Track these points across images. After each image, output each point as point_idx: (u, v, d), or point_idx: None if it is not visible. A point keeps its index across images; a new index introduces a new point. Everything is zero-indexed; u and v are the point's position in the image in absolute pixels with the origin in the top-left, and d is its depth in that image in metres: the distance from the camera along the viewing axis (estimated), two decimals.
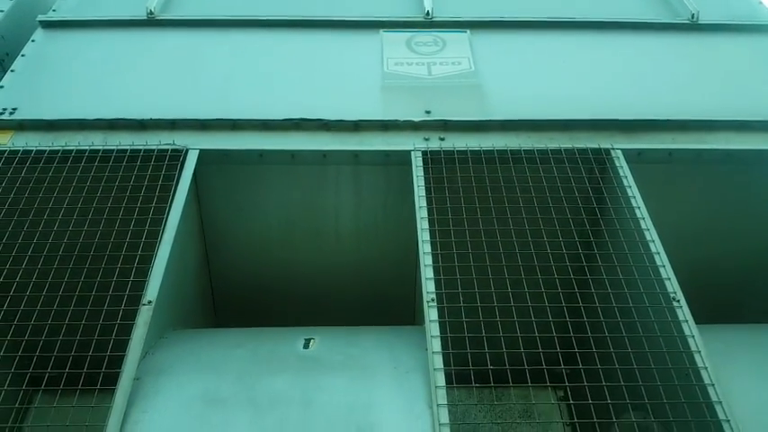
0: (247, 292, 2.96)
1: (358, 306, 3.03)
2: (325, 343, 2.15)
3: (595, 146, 2.56)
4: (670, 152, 2.60)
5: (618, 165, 2.49)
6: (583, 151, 2.53)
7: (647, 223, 2.29)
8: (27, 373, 2.07)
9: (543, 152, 2.50)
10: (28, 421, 2.40)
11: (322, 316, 2.84)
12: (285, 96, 2.86)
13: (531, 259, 2.16)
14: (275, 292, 2.96)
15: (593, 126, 2.71)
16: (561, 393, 2.74)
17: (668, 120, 2.72)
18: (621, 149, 2.55)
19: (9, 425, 2.30)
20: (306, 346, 2.12)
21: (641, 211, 2.33)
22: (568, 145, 2.55)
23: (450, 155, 2.50)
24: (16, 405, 2.31)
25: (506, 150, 2.49)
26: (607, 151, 2.55)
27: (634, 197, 2.37)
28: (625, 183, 2.42)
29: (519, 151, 2.50)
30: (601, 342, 1.97)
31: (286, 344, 2.13)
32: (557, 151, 2.52)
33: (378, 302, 3.02)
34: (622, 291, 2.12)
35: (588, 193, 2.47)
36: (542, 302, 2.03)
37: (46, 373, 1.92)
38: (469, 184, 2.39)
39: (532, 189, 2.37)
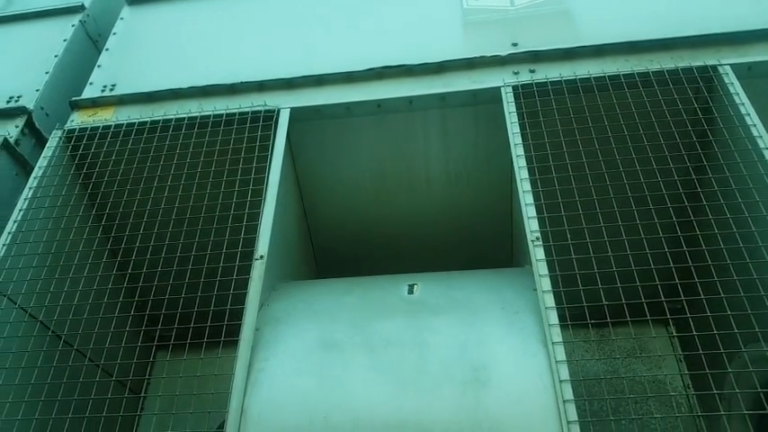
0: (344, 243, 3.03)
1: (452, 250, 3.04)
2: (428, 287, 2.17)
3: (701, 63, 2.38)
4: None
5: (727, 81, 2.32)
6: (687, 70, 2.36)
7: (765, 141, 2.13)
8: (156, 329, 2.24)
9: (644, 75, 2.36)
10: (162, 374, 2.63)
11: (416, 262, 2.86)
12: (366, 45, 2.83)
13: (641, 189, 2.07)
14: (370, 241, 3.02)
15: (696, 42, 2.51)
16: (675, 328, 2.65)
17: None
18: (730, 65, 2.36)
19: (145, 377, 2.53)
20: (410, 291, 2.16)
21: (758, 129, 2.16)
22: (671, 65, 2.39)
23: (543, 87, 2.40)
24: (150, 359, 2.54)
25: (604, 76, 2.36)
26: (714, 68, 2.37)
27: (748, 114, 2.20)
28: (737, 100, 2.25)
29: (618, 76, 2.36)
30: (723, 270, 1.87)
31: (391, 290, 2.18)
32: (659, 73, 2.36)
33: (471, 245, 3.01)
34: (742, 215, 1.99)
35: (696, 114, 2.32)
36: (657, 233, 1.94)
37: (173, 328, 2.06)
38: (567, 116, 2.29)
39: (636, 115, 2.24)
